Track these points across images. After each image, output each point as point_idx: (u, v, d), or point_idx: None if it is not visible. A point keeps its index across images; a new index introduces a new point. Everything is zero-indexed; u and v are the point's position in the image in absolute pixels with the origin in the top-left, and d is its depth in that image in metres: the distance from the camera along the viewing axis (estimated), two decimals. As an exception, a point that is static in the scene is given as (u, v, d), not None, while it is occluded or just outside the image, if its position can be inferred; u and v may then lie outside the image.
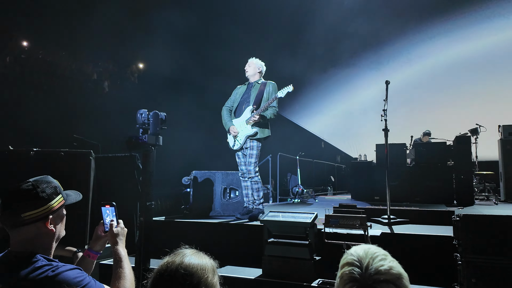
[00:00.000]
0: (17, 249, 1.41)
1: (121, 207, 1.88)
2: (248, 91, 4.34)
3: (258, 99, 4.19)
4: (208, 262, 1.24)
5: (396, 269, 0.93)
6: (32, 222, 1.41)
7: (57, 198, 1.51)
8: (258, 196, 4.20)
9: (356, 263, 0.94)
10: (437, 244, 3.11)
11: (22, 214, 1.40)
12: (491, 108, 10.20)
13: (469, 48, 11.10)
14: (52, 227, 1.47)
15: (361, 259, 0.94)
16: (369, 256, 0.95)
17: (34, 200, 1.43)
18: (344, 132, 13.74)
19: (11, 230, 1.43)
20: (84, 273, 1.44)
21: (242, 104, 4.31)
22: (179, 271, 1.16)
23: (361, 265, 0.93)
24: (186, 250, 1.27)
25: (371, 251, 0.97)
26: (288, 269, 2.99)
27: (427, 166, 6.41)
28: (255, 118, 4.09)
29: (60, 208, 1.54)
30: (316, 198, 8.47)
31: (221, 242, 3.83)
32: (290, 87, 4.03)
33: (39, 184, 1.47)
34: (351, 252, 0.99)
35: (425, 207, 4.83)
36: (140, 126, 2.80)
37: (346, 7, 10.87)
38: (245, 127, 4.19)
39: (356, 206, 3.44)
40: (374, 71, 12.11)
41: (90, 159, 2.87)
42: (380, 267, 0.91)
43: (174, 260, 1.20)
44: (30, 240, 1.42)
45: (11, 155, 2.88)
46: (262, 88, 4.24)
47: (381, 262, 0.93)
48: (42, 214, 1.44)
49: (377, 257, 0.95)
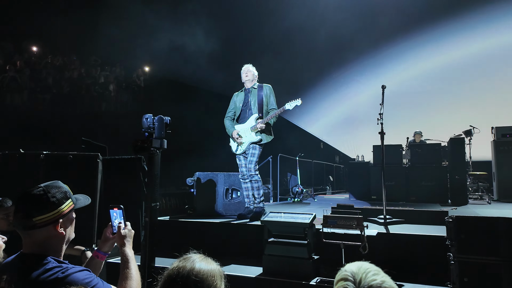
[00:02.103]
0: (28, 251, 1.46)
1: (127, 207, 1.93)
2: (247, 97, 4.43)
3: (260, 105, 4.29)
4: (216, 268, 1.26)
5: (388, 283, 0.96)
6: (43, 225, 1.46)
7: (67, 202, 1.55)
8: (258, 195, 4.30)
9: (350, 278, 0.98)
10: (431, 243, 3.20)
11: (33, 218, 1.44)
12: (485, 110, 10.35)
13: (463, 52, 11.24)
14: (62, 230, 1.51)
15: (354, 275, 0.98)
16: (362, 271, 0.98)
17: (45, 205, 1.47)
18: (343, 133, 13.87)
19: (23, 232, 1.47)
20: (93, 274, 1.49)
21: (245, 111, 4.41)
22: (191, 277, 1.18)
23: (354, 280, 0.97)
24: (194, 255, 1.29)
25: (364, 267, 1.00)
26: (287, 268, 3.09)
27: (423, 167, 6.55)
28: (262, 126, 4.19)
29: (70, 212, 1.57)
30: (315, 198, 8.59)
31: (223, 241, 3.92)
32: (299, 100, 4.10)
33: (50, 189, 1.51)
34: (345, 268, 1.03)
35: (420, 206, 4.94)
36: (145, 130, 2.89)
37: (344, 11, 10.98)
38: (250, 133, 4.29)
39: (353, 206, 3.56)
40: (371, 75, 12.23)
41: (98, 162, 2.96)
42: (372, 281, 0.95)
43: (185, 266, 1.21)
44: (41, 243, 1.47)
45: (22, 158, 2.97)
46: (260, 92, 4.34)
47: (373, 277, 0.97)
48: (53, 218, 1.48)
49: (370, 272, 0.98)
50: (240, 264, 3.47)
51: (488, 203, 6.14)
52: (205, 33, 9.78)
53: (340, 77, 12.93)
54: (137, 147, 2.88)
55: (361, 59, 12.37)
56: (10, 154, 3.00)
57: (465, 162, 6.52)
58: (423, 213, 4.26)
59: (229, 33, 10.98)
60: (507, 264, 2.43)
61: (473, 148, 7.28)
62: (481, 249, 2.50)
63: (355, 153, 12.12)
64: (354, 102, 13.18)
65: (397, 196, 6.40)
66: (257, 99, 4.31)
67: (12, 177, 2.92)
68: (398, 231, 3.48)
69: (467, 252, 2.53)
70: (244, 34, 11.15)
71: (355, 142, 13.27)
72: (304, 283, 2.93)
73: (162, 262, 2.64)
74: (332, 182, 12.34)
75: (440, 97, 11.66)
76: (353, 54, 12.24)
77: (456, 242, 2.57)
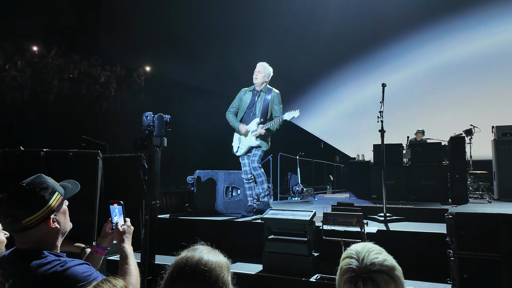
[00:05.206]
0: (23, 247, 1.43)
1: (127, 205, 1.93)
2: (254, 100, 4.38)
3: (265, 111, 4.27)
4: (224, 260, 1.26)
5: (389, 261, 1.03)
6: (34, 225, 1.41)
7: (54, 196, 1.48)
8: (263, 189, 4.30)
9: (354, 256, 1.06)
10: (431, 240, 3.21)
11: (22, 220, 1.38)
12: (485, 109, 10.34)
13: (464, 51, 11.26)
14: (55, 224, 1.47)
15: (358, 253, 1.06)
16: (365, 250, 1.06)
17: (32, 205, 1.41)
18: (343, 132, 13.88)
19: (16, 235, 1.43)
20: (92, 268, 1.47)
21: (248, 114, 4.38)
22: (200, 267, 1.17)
23: (358, 258, 1.04)
24: (201, 246, 1.28)
25: (367, 246, 1.08)
26: (287, 265, 3.10)
27: (423, 166, 6.54)
28: (262, 131, 4.20)
29: (60, 204, 1.51)
30: (315, 197, 8.60)
31: (223, 239, 3.92)
32: (297, 112, 4.09)
33: (34, 186, 1.44)
34: (351, 247, 1.12)
35: (420, 205, 4.93)
36: (145, 128, 2.90)
37: (345, 10, 10.99)
38: (250, 137, 4.30)
39: (354, 204, 3.56)
40: (371, 73, 12.24)
41: (98, 159, 2.96)
42: (374, 259, 1.02)
43: (193, 255, 1.21)
44: (36, 241, 1.43)
45: (22, 155, 2.97)
46: (268, 97, 4.29)
47: (376, 255, 1.04)
48: (43, 216, 1.43)
49: (373, 251, 1.05)
50: (240, 261, 3.47)
51: (489, 202, 6.14)
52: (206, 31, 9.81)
53: (341, 76, 12.94)
54: (137, 145, 2.89)
55: (361, 58, 12.38)
56: (10, 152, 3.00)
57: (466, 161, 6.52)
58: (423, 211, 4.26)
59: (230, 29, 11.00)
60: (507, 260, 2.43)
61: (473, 147, 7.28)
62: (481, 245, 2.50)
63: (356, 152, 12.13)
64: (354, 101, 13.19)
65: (397, 195, 6.39)
66: (263, 105, 4.28)
67: (12, 174, 2.92)
68: (398, 229, 3.49)
69: (467, 249, 2.53)
70: (245, 31, 11.15)
71: (356, 141, 13.28)
72: (304, 280, 2.94)
73: (162, 260, 2.65)
74: (332, 181, 12.35)
75: (441, 96, 11.67)
76: (353, 52, 12.25)
77: (456, 238, 2.58)
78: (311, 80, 13.21)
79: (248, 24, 11.44)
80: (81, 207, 2.60)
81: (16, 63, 9.70)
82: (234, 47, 10.93)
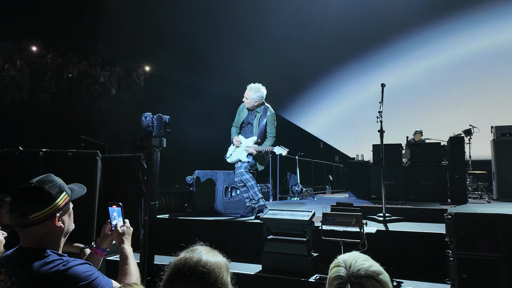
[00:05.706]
0: (27, 245, 1.45)
1: (126, 205, 1.93)
2: (250, 118, 4.45)
3: (261, 132, 4.32)
4: (223, 261, 1.26)
5: (376, 267, 1.07)
6: (40, 222, 1.44)
7: (61, 196, 1.52)
8: (255, 193, 4.27)
9: (341, 264, 1.10)
10: (430, 241, 3.22)
11: (29, 216, 1.42)
12: (484, 109, 10.35)
13: (463, 51, 11.27)
14: (60, 223, 1.50)
15: (345, 261, 1.10)
16: (352, 258, 1.10)
17: (40, 201, 1.45)
18: (342, 132, 13.89)
19: (20, 229, 1.46)
20: (94, 268, 1.48)
21: (244, 130, 4.47)
22: (198, 268, 1.17)
23: (346, 265, 1.08)
24: (201, 247, 1.28)
25: (354, 255, 1.12)
26: (286, 265, 3.10)
27: (422, 166, 6.54)
28: (253, 152, 4.24)
29: (66, 204, 1.55)
30: (315, 197, 8.60)
31: (222, 239, 3.92)
32: (285, 151, 4.13)
33: (43, 184, 1.49)
34: (338, 257, 1.15)
35: (420, 205, 4.94)
36: (144, 129, 2.90)
37: (344, 9, 11.00)
38: (242, 151, 4.34)
39: (353, 204, 3.56)
40: (370, 73, 12.25)
41: (97, 159, 2.96)
42: (361, 265, 1.07)
43: (192, 256, 1.21)
44: (40, 238, 1.45)
45: (21, 155, 2.97)
46: (263, 117, 4.34)
47: (363, 262, 1.08)
48: (49, 213, 1.46)
49: (359, 258, 1.10)
50: (239, 262, 3.48)
51: (488, 202, 6.14)
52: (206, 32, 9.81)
53: (340, 76, 12.95)
54: (136, 146, 2.89)
55: (361, 58, 12.39)
56: (10, 152, 3.00)
57: (465, 161, 6.52)
58: (422, 211, 4.27)
59: (230, 29, 11.00)
60: (506, 260, 2.44)
61: (472, 147, 7.28)
62: (480, 245, 2.51)
63: (355, 152, 12.14)
64: (353, 101, 13.20)
65: (396, 195, 6.39)
66: (259, 127, 4.32)
67: (11, 174, 2.92)
68: (397, 229, 3.50)
69: (466, 249, 2.54)
70: (245, 31, 11.15)
71: (355, 141, 13.29)
72: (303, 280, 2.94)
73: (161, 260, 2.64)
74: (332, 181, 12.35)
75: (440, 96, 11.68)
76: (353, 52, 12.25)
77: (455, 238, 2.59)
78: (310, 80, 13.21)
79: (248, 24, 11.44)
80: (80, 207, 2.60)
81: (15, 63, 9.69)
82: (234, 47, 10.93)
